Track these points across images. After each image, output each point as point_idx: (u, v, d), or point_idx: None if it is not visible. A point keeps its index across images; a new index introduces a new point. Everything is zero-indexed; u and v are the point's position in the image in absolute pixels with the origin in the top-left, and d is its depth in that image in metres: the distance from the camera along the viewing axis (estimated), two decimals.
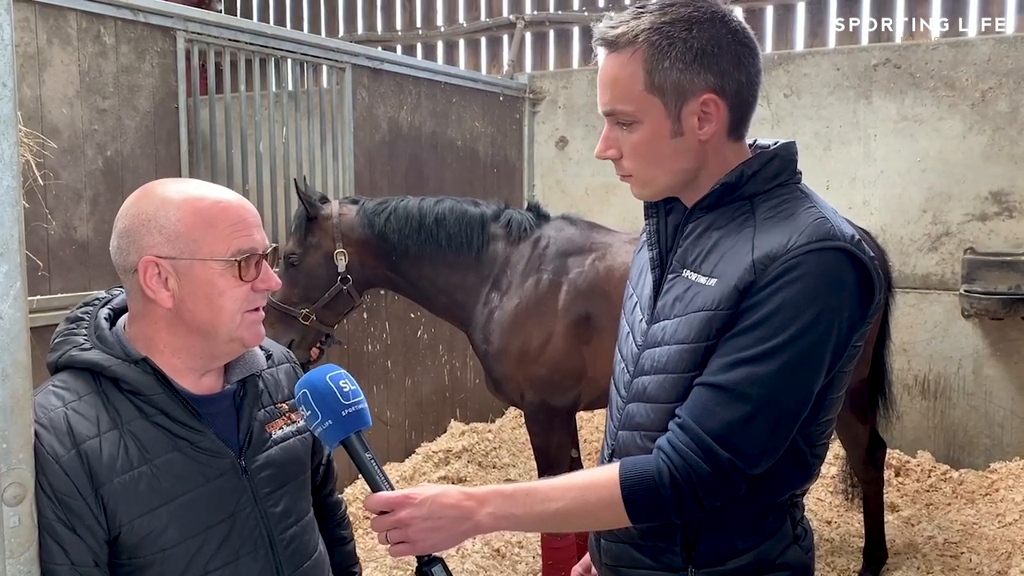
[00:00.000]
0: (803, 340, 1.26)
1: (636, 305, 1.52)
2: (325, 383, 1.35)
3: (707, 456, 1.26)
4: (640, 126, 1.36)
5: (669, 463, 1.28)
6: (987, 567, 3.85)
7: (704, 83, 1.34)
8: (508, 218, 3.52)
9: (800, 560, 1.42)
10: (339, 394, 1.34)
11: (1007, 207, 4.87)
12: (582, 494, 1.32)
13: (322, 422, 1.34)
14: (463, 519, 1.31)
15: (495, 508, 1.31)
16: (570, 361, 3.34)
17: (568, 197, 6.10)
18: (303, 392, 1.36)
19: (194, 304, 1.36)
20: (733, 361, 1.27)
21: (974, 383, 4.98)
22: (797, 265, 1.26)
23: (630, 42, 1.35)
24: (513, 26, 6.87)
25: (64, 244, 3.33)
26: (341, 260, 3.44)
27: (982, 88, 4.88)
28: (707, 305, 1.32)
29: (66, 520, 1.26)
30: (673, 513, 1.29)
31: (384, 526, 1.32)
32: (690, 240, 1.41)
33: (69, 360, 1.36)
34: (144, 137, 3.63)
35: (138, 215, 1.36)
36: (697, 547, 1.38)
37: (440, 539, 1.31)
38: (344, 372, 1.39)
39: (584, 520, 1.35)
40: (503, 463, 5.21)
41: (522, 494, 1.33)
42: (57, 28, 3.28)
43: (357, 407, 1.35)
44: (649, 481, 1.28)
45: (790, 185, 1.40)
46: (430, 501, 1.30)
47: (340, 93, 4.71)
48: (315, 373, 1.37)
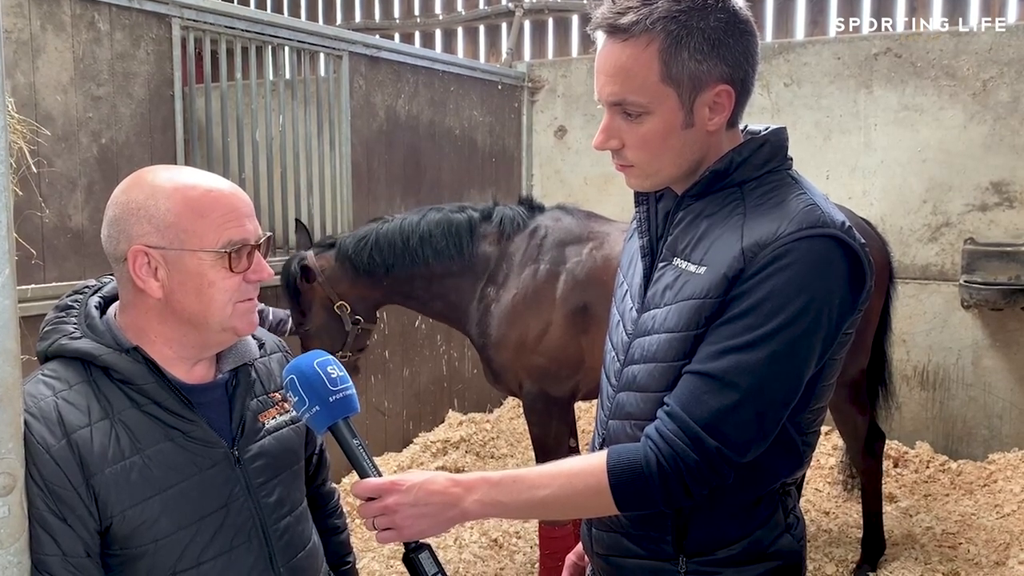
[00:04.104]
0: (792, 328, 1.24)
1: (627, 294, 1.50)
2: (313, 369, 1.33)
3: (695, 444, 1.25)
4: (650, 117, 1.31)
5: (656, 451, 1.27)
6: (985, 558, 3.85)
7: (719, 74, 1.30)
8: (500, 216, 3.51)
9: (792, 548, 1.41)
10: (327, 380, 1.33)
11: (1007, 197, 4.85)
12: (569, 481, 1.30)
13: (309, 408, 1.33)
14: (450, 506, 1.30)
15: (482, 495, 1.30)
16: (568, 351, 3.33)
17: (567, 186, 6.08)
18: (291, 378, 1.35)
19: (184, 295, 1.34)
20: (722, 349, 1.26)
21: (973, 374, 4.97)
22: (786, 253, 1.25)
23: (645, 30, 1.28)
24: (512, 14, 6.83)
25: (58, 232, 3.31)
26: (344, 311, 3.52)
27: (983, 78, 4.86)
28: (696, 293, 1.30)
29: (57, 510, 1.25)
30: (660, 501, 1.28)
31: (371, 512, 1.31)
32: (680, 228, 1.39)
33: (59, 349, 1.34)
34: (139, 125, 3.61)
35: (128, 203, 1.34)
36: (688, 536, 1.37)
37: (426, 526, 1.31)
38: (332, 358, 1.37)
39: (571, 508, 1.34)
40: (501, 453, 5.21)
41: (509, 481, 1.31)
42: (51, 14, 3.25)
43: (345, 393, 1.34)
44: (636, 469, 1.27)
45: (780, 171, 1.38)
46: (417, 488, 1.29)
47: (337, 81, 4.68)
48: (303, 359, 1.36)
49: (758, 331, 1.24)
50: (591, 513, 1.34)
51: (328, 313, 3.53)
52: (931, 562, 3.86)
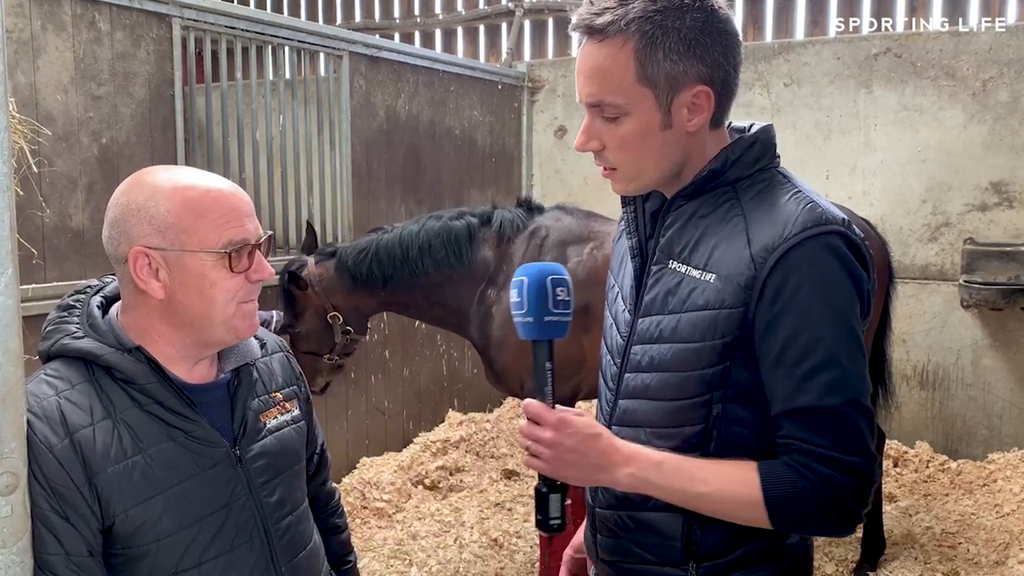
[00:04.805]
0: (842, 321, 1.25)
1: (618, 296, 1.49)
2: (543, 282, 1.32)
3: (842, 470, 1.24)
4: (628, 119, 1.31)
5: (809, 481, 1.25)
6: (985, 557, 3.86)
7: (696, 74, 1.30)
8: (499, 220, 3.51)
9: (800, 548, 1.40)
10: (551, 299, 1.32)
11: (1007, 197, 4.85)
12: (727, 485, 1.28)
13: (524, 314, 1.33)
14: (602, 468, 1.29)
15: (638, 470, 1.29)
16: (569, 350, 3.33)
17: (567, 186, 6.08)
18: (521, 279, 1.34)
19: (185, 295, 1.34)
20: (804, 376, 1.24)
21: (973, 374, 4.98)
22: (797, 254, 1.25)
23: (620, 31, 1.28)
24: (512, 14, 6.83)
25: (59, 232, 3.31)
26: (336, 322, 3.53)
27: (983, 78, 4.86)
28: (711, 303, 1.30)
29: (59, 510, 1.25)
30: (822, 527, 1.28)
31: (529, 435, 1.31)
32: (674, 229, 1.38)
33: (61, 349, 1.34)
34: (140, 125, 3.61)
35: (128, 204, 1.34)
36: (699, 540, 1.36)
37: (572, 474, 1.30)
38: (568, 279, 1.35)
39: (721, 511, 1.31)
40: (500, 453, 5.21)
41: (671, 467, 1.29)
42: (51, 14, 3.25)
43: (561, 319, 1.33)
44: (793, 494, 1.26)
45: (770, 169, 1.38)
46: (581, 437, 1.29)
47: (337, 81, 4.68)
48: (543, 267, 1.35)
49: (817, 348, 1.24)
50: (740, 521, 1.31)
51: (320, 320, 3.54)
52: (931, 562, 3.86)
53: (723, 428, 1.33)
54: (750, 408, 1.32)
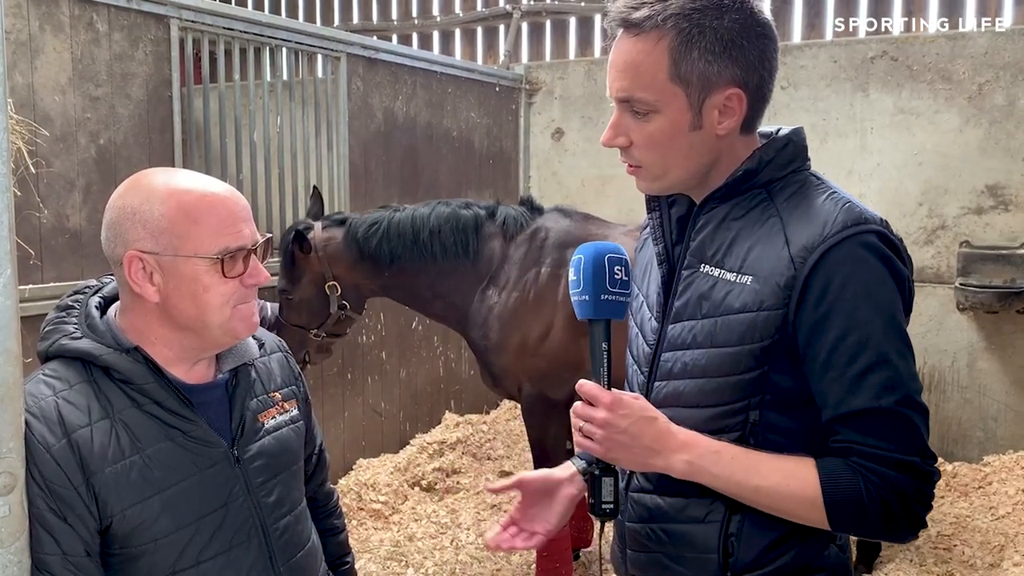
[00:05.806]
0: (889, 327, 1.23)
1: (643, 304, 1.46)
2: (601, 261, 1.31)
3: (904, 471, 1.23)
4: (657, 116, 1.29)
5: (871, 487, 1.23)
6: (980, 560, 3.87)
7: (730, 76, 1.28)
8: (503, 216, 3.50)
9: (839, 559, 1.37)
10: (608, 278, 1.31)
11: (1003, 201, 4.87)
12: (786, 481, 1.25)
13: (580, 293, 1.32)
14: (656, 453, 1.27)
15: (695, 457, 1.27)
16: (569, 353, 3.34)
17: (564, 189, 6.09)
18: (578, 258, 1.33)
19: (180, 300, 1.34)
20: (854, 377, 1.22)
21: (968, 376, 4.99)
22: (840, 255, 1.23)
23: (656, 26, 1.26)
24: (509, 16, 6.84)
25: (56, 233, 3.31)
26: (334, 292, 3.46)
27: (979, 81, 4.88)
28: (748, 306, 1.27)
29: (57, 510, 1.25)
30: (883, 531, 1.25)
31: (582, 415, 1.29)
32: (705, 232, 1.35)
33: (60, 349, 1.35)
34: (137, 126, 3.61)
35: (123, 208, 1.34)
36: (736, 553, 1.32)
37: (625, 457, 1.28)
38: (626, 259, 1.34)
39: (777, 508, 1.27)
40: (497, 455, 5.21)
41: (729, 457, 1.27)
42: (49, 15, 3.25)
43: (618, 299, 1.32)
44: (855, 497, 1.23)
45: (803, 171, 1.37)
46: (635, 419, 1.27)
47: (335, 83, 4.68)
48: (600, 245, 1.34)
49: (870, 344, 1.22)
50: (794, 519, 1.28)
51: (317, 288, 3.47)
52: (926, 564, 3.87)
53: (760, 436, 1.30)
54: (788, 415, 1.29)
